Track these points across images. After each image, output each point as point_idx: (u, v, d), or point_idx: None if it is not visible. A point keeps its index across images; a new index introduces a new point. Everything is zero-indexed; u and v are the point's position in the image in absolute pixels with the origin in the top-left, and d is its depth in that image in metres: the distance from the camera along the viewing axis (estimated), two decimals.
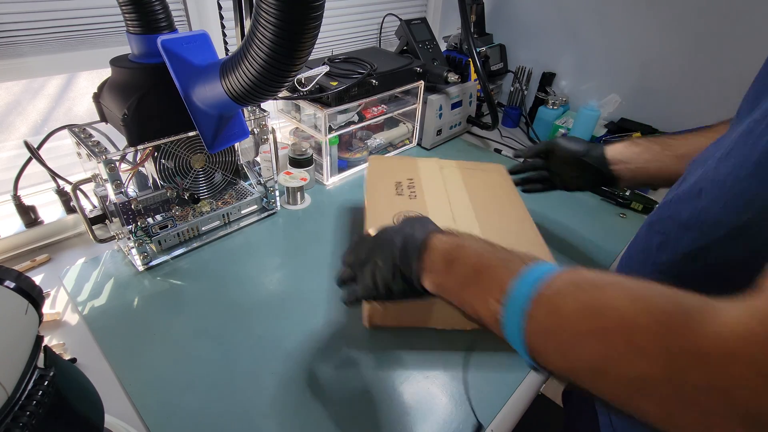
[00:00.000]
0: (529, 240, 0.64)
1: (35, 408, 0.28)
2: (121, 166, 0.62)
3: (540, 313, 0.28)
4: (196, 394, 0.53)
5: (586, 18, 1.16)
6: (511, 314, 0.30)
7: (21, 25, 0.68)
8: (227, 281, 0.69)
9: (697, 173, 0.40)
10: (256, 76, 0.51)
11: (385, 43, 1.30)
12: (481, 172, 0.79)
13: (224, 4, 0.80)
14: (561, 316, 0.27)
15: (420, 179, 0.74)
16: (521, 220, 0.68)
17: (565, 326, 0.27)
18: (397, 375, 0.57)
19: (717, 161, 0.36)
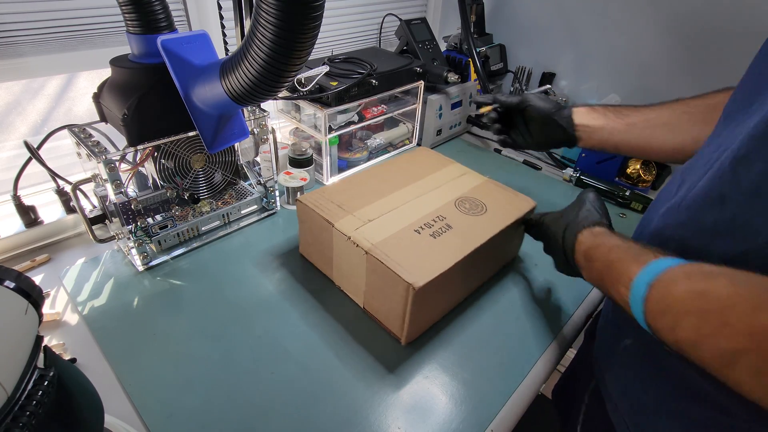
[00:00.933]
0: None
1: (35, 408, 0.28)
2: (121, 166, 0.62)
3: (655, 297, 0.35)
4: (196, 394, 0.53)
5: (586, 18, 1.16)
6: (635, 298, 0.36)
7: (21, 25, 0.68)
8: (227, 281, 0.69)
9: (701, 176, 0.39)
10: (256, 76, 0.51)
11: (385, 43, 1.30)
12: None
13: (224, 4, 0.80)
14: (670, 299, 0.33)
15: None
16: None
17: (672, 307, 0.33)
18: (397, 375, 0.57)
19: (732, 165, 0.35)
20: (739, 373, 0.28)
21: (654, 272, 0.35)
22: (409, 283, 0.53)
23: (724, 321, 0.28)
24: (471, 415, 0.53)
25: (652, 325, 0.35)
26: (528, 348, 0.62)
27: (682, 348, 0.32)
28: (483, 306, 0.68)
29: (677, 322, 0.32)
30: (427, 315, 0.61)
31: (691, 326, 0.30)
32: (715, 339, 0.29)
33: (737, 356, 0.27)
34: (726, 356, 0.28)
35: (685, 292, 0.32)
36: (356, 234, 0.60)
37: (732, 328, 0.28)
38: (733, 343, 0.28)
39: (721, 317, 0.28)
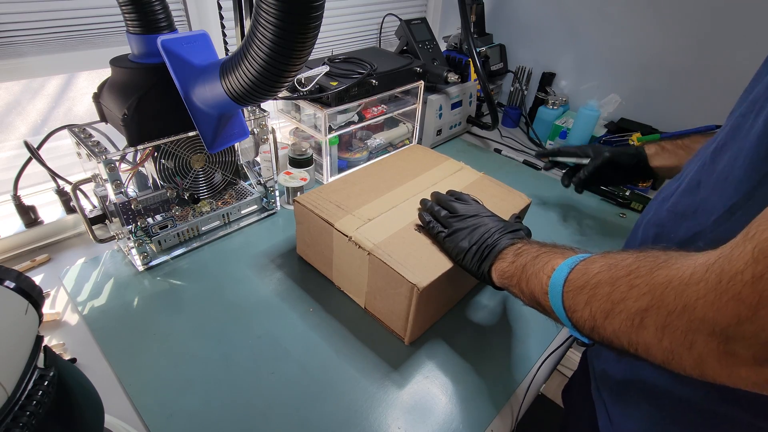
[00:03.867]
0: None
1: (35, 408, 0.28)
2: (121, 166, 0.62)
3: (574, 276, 0.37)
4: (195, 394, 0.53)
5: (586, 18, 1.16)
6: (554, 283, 0.38)
7: (21, 25, 0.68)
8: (227, 281, 0.69)
9: (692, 169, 0.43)
10: (256, 76, 0.51)
11: (385, 43, 1.30)
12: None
13: (224, 4, 0.80)
14: (588, 275, 0.35)
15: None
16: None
17: (589, 281, 0.35)
18: (397, 375, 0.57)
19: (711, 155, 0.39)
20: (646, 334, 0.29)
21: (576, 259, 0.39)
22: (413, 283, 0.53)
23: (630, 284, 0.31)
24: (471, 415, 0.53)
25: (569, 306, 0.36)
26: (528, 348, 0.62)
27: (595, 323, 0.34)
28: (483, 305, 0.68)
29: (592, 293, 0.34)
30: (429, 314, 0.61)
31: (604, 295, 0.33)
32: (624, 303, 0.31)
33: (644, 315, 0.29)
34: (635, 318, 0.30)
35: (600, 266, 0.35)
36: (357, 234, 0.60)
37: (637, 289, 0.30)
38: (639, 302, 0.30)
39: (628, 281, 0.31)
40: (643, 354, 0.30)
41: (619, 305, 0.31)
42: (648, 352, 0.30)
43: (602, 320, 0.33)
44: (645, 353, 0.30)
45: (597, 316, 0.33)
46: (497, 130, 1.17)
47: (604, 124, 1.16)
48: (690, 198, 0.41)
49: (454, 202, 0.60)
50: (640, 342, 0.30)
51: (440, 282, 0.56)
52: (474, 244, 0.53)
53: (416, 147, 0.86)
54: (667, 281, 0.28)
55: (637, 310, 0.30)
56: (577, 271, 0.37)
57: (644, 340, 0.30)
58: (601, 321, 0.33)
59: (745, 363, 0.25)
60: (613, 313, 0.32)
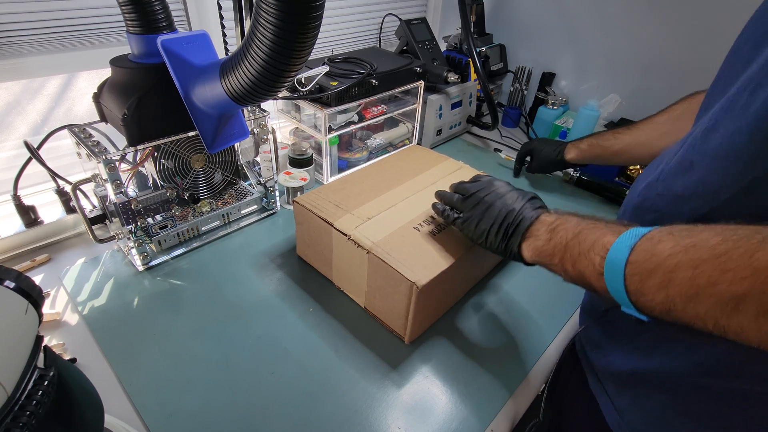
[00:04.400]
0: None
1: (35, 408, 0.28)
2: (121, 166, 0.62)
3: (639, 258, 0.34)
4: (195, 394, 0.53)
5: (586, 18, 1.16)
6: (613, 264, 0.36)
7: (21, 25, 0.68)
8: (227, 281, 0.69)
9: (676, 151, 0.42)
10: (256, 76, 0.51)
11: (385, 43, 1.30)
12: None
13: (224, 4, 0.80)
14: (658, 257, 0.33)
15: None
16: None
17: (662, 264, 0.32)
18: (397, 375, 0.57)
19: (702, 135, 0.38)
20: (741, 319, 0.28)
21: (634, 236, 0.36)
22: (413, 281, 0.53)
23: (722, 268, 0.29)
24: (471, 415, 0.53)
25: (635, 289, 0.34)
26: (528, 347, 0.62)
27: (673, 307, 0.32)
28: (483, 304, 0.68)
29: (670, 278, 0.32)
30: (429, 313, 0.61)
31: (686, 279, 0.31)
32: (714, 287, 0.29)
33: (740, 301, 0.28)
34: (728, 303, 0.28)
35: (673, 247, 0.32)
36: (356, 233, 0.60)
37: (732, 273, 0.28)
38: (735, 287, 0.28)
39: (718, 264, 0.29)
40: (732, 336, 0.29)
41: (707, 290, 0.29)
42: (740, 335, 0.29)
43: (683, 304, 0.31)
44: (735, 336, 0.29)
45: (676, 301, 0.32)
46: (497, 130, 1.17)
47: (604, 124, 1.16)
48: (684, 179, 0.40)
49: (465, 183, 0.59)
50: (732, 325, 0.29)
51: (440, 280, 0.56)
52: (494, 223, 0.51)
53: (416, 147, 0.86)
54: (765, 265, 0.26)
55: (732, 295, 0.28)
56: (641, 252, 0.34)
57: (738, 324, 0.28)
58: (682, 305, 0.31)
59: None
60: (698, 298, 0.30)
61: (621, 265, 0.35)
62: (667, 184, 0.42)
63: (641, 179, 0.49)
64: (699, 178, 0.38)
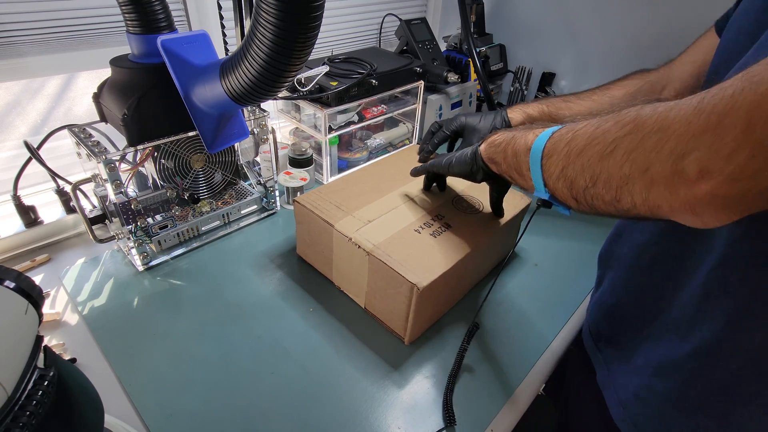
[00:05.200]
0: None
1: (35, 408, 0.28)
2: (121, 166, 0.62)
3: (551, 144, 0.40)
4: (195, 394, 0.53)
5: (586, 18, 1.16)
6: (535, 154, 0.41)
7: (21, 25, 0.68)
8: (227, 281, 0.69)
9: None
10: (256, 76, 0.51)
11: (385, 43, 1.30)
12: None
13: (224, 4, 0.80)
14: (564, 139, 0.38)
15: None
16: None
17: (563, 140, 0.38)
18: (397, 375, 0.57)
19: None
20: (611, 163, 0.32)
21: (550, 131, 0.41)
22: (413, 283, 0.53)
23: (616, 120, 0.33)
24: (471, 414, 0.53)
25: (549, 174, 0.40)
26: (528, 347, 0.62)
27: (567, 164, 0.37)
28: (482, 305, 0.68)
29: (573, 137, 0.37)
30: (429, 314, 0.61)
31: (586, 134, 0.35)
32: (604, 135, 0.34)
33: (618, 143, 0.32)
34: (609, 147, 0.33)
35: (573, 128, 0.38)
36: (357, 235, 0.60)
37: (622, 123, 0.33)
38: (619, 132, 0.32)
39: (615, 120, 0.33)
40: (601, 187, 0.34)
41: (598, 138, 0.34)
42: (606, 184, 0.33)
43: (575, 157, 0.36)
44: (603, 186, 0.33)
45: (571, 154, 0.37)
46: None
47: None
48: None
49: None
50: (602, 172, 0.33)
51: (440, 282, 0.56)
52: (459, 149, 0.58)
53: (416, 147, 0.86)
54: (652, 111, 0.30)
55: (614, 138, 0.32)
56: (554, 139, 0.40)
57: (607, 169, 0.33)
58: (574, 158, 0.36)
59: (687, 181, 0.27)
60: (587, 148, 0.35)
61: (539, 154, 0.41)
62: None
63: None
64: None
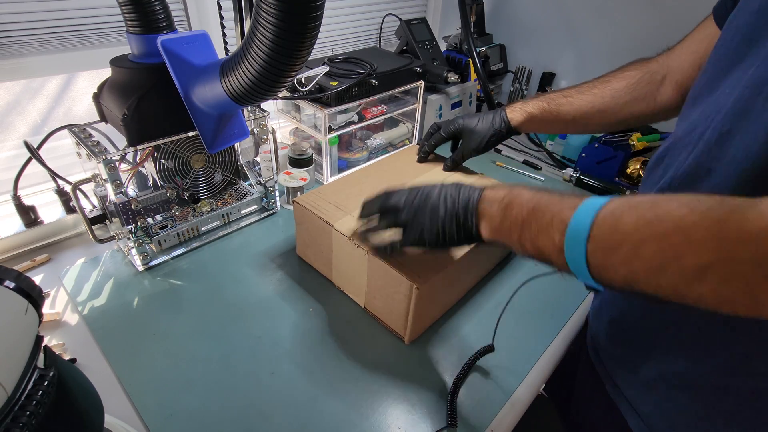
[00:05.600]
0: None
1: (35, 408, 0.28)
2: (121, 166, 0.62)
3: (601, 233, 0.33)
4: (195, 394, 0.53)
5: (586, 18, 1.16)
6: (574, 241, 0.35)
7: (21, 25, 0.68)
8: (227, 281, 0.69)
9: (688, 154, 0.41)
10: (256, 76, 0.51)
11: (385, 43, 1.30)
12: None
13: (224, 4, 0.80)
14: (621, 231, 0.32)
15: None
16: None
17: (626, 238, 0.32)
18: (397, 374, 0.57)
19: (717, 141, 0.38)
20: (703, 288, 0.28)
21: (592, 210, 0.34)
22: (412, 282, 0.53)
23: (688, 239, 0.28)
24: (471, 414, 0.53)
25: (598, 264, 0.34)
26: (528, 347, 0.62)
27: (636, 280, 0.32)
28: (482, 304, 0.68)
29: (634, 252, 0.31)
30: (429, 313, 0.61)
31: (651, 253, 0.30)
32: (680, 259, 0.29)
33: (704, 271, 0.28)
34: (693, 274, 0.28)
35: (637, 221, 0.31)
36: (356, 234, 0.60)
37: (698, 244, 0.28)
38: (700, 259, 0.28)
39: (684, 236, 0.29)
40: (689, 303, 0.29)
41: (673, 263, 0.29)
42: (699, 302, 0.29)
43: (646, 277, 0.31)
44: (693, 302, 0.29)
45: (639, 274, 0.31)
46: None
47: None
48: (701, 186, 0.39)
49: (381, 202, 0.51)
50: (692, 294, 0.29)
51: (439, 281, 0.56)
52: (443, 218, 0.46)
53: (416, 147, 0.86)
54: (738, 235, 0.26)
55: (697, 266, 0.28)
56: (603, 227, 0.33)
57: (698, 292, 0.29)
58: (645, 278, 0.31)
59: None
60: (663, 270, 0.30)
61: (582, 241, 0.34)
62: (683, 191, 0.41)
63: (648, 183, 0.47)
64: (715, 185, 0.37)
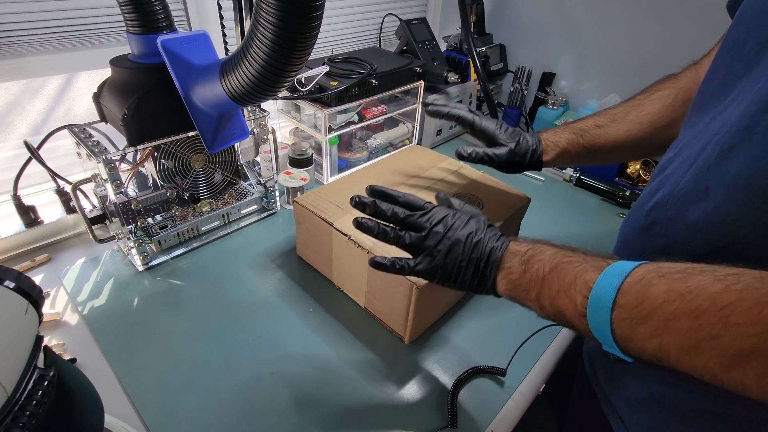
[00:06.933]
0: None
1: (35, 408, 0.28)
2: (121, 166, 0.62)
3: (628, 302, 0.31)
4: (195, 394, 0.53)
5: (586, 18, 1.16)
6: (598, 306, 0.32)
7: (21, 25, 0.68)
8: (227, 281, 0.69)
9: (684, 171, 0.39)
10: (256, 76, 0.51)
11: (385, 43, 1.30)
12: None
13: (224, 4, 0.80)
14: (651, 303, 0.30)
15: None
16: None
17: (655, 311, 0.29)
18: (397, 374, 0.57)
19: (717, 159, 0.35)
20: (743, 375, 0.26)
21: (620, 275, 0.32)
22: (413, 281, 0.53)
23: (726, 321, 0.26)
24: (471, 414, 0.53)
25: (624, 334, 0.32)
26: (528, 347, 0.62)
27: (666, 355, 0.30)
28: (483, 304, 0.68)
29: (665, 327, 0.29)
30: (429, 313, 0.61)
31: (684, 330, 0.28)
32: (716, 341, 0.27)
33: (747, 357, 0.25)
34: (732, 358, 0.26)
35: (667, 292, 0.29)
36: (356, 233, 0.60)
37: (738, 327, 0.26)
38: (741, 343, 0.26)
39: (721, 317, 0.26)
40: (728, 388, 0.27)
41: (708, 343, 0.27)
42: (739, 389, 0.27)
43: (678, 355, 0.29)
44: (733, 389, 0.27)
45: (671, 350, 0.29)
46: None
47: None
48: (699, 206, 0.36)
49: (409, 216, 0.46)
50: (733, 380, 0.27)
51: None
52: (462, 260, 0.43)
53: (416, 147, 0.86)
54: None
55: (737, 351, 0.26)
56: (631, 295, 0.31)
57: (739, 380, 0.26)
58: (677, 356, 0.29)
59: None
60: (697, 350, 0.28)
61: (607, 308, 0.32)
62: (680, 210, 0.39)
63: (647, 194, 0.45)
64: (715, 207, 0.35)
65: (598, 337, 0.34)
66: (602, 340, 0.33)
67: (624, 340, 0.32)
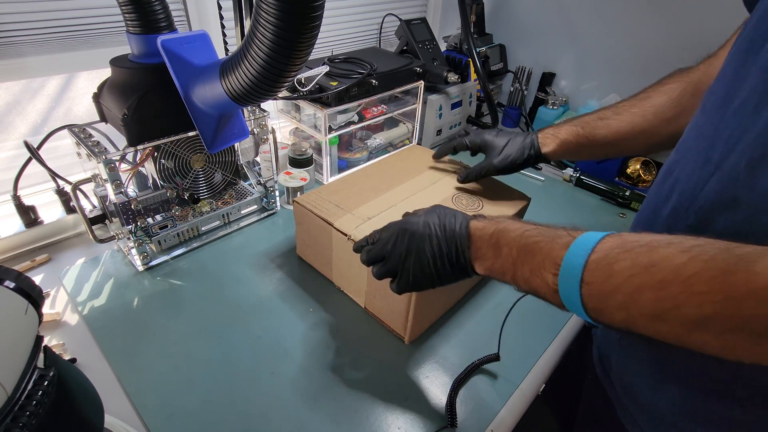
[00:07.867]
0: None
1: (35, 408, 0.28)
2: (121, 166, 0.62)
3: (595, 278, 0.32)
4: (195, 394, 0.53)
5: (586, 18, 1.16)
6: (567, 283, 0.34)
7: (21, 25, 0.68)
8: (227, 281, 0.69)
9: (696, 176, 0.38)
10: (256, 76, 0.51)
11: (385, 43, 1.30)
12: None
13: (224, 4, 0.80)
14: (617, 278, 0.31)
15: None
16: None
17: (621, 285, 0.31)
18: (397, 374, 0.57)
19: (746, 169, 0.34)
20: (705, 336, 0.28)
21: (585, 250, 0.33)
22: None
23: (689, 291, 0.28)
24: (471, 415, 0.53)
25: (594, 308, 0.33)
26: (528, 347, 0.62)
27: (634, 324, 0.31)
28: (483, 303, 0.68)
29: (631, 299, 0.30)
30: (429, 313, 0.61)
31: (649, 301, 0.29)
32: (680, 309, 0.28)
33: (709, 320, 0.27)
34: (693, 323, 0.28)
35: (632, 267, 0.30)
36: (356, 232, 0.60)
37: (701, 296, 0.27)
38: (703, 309, 0.27)
39: (685, 287, 0.28)
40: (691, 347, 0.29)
41: (672, 312, 0.28)
42: (701, 348, 0.28)
43: (645, 323, 0.30)
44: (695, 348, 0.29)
45: (637, 320, 0.31)
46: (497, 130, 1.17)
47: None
48: (727, 216, 0.35)
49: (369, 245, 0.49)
50: (694, 341, 0.28)
51: None
52: (434, 260, 0.44)
53: (416, 147, 0.86)
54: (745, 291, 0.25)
55: (699, 317, 0.27)
56: (597, 271, 0.32)
57: (700, 340, 0.28)
58: (644, 324, 0.30)
59: None
60: (663, 319, 0.29)
61: (576, 285, 0.33)
62: (704, 219, 0.37)
63: (659, 199, 0.43)
64: (746, 218, 0.34)
65: (572, 311, 0.35)
66: (577, 313, 0.35)
67: (594, 312, 0.33)
